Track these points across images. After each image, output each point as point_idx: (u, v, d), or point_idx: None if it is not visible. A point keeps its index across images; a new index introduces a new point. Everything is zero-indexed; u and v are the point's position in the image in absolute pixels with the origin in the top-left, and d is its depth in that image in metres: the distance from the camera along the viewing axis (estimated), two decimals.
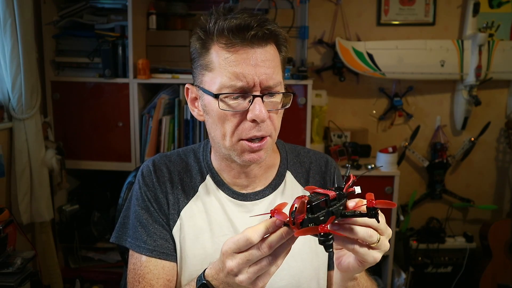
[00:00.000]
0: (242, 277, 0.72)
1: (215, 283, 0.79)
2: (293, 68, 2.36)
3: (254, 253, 0.70)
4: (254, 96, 0.87)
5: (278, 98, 0.92)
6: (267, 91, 0.89)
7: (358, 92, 2.84)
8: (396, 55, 2.64)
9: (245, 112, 0.88)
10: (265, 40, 0.88)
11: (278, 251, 0.70)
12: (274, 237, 0.69)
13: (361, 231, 0.69)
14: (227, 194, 1.02)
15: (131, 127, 2.34)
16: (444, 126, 2.87)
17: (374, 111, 2.87)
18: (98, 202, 2.44)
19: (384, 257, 2.47)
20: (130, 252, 1.01)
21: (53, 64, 2.38)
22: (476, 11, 2.64)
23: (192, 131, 2.33)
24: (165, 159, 1.06)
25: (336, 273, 0.88)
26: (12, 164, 2.11)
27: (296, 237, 0.70)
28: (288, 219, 0.67)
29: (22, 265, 1.73)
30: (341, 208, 0.69)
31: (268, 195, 1.03)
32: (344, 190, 0.70)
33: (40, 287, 1.86)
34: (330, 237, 0.64)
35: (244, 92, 0.88)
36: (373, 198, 0.67)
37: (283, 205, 0.72)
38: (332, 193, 0.67)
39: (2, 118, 2.08)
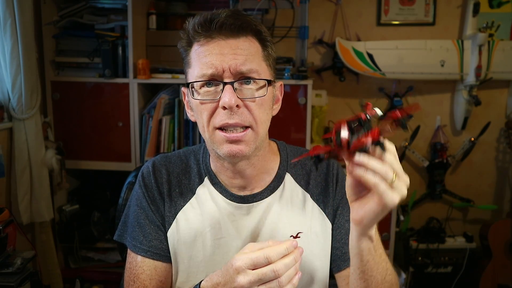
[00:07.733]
0: None
1: None
2: (293, 68, 2.35)
3: (268, 273, 0.73)
4: (225, 84, 0.88)
5: (255, 86, 0.90)
6: (241, 78, 0.89)
7: (358, 92, 2.84)
8: (396, 55, 2.63)
9: (219, 100, 0.89)
10: (238, 31, 0.89)
11: (289, 273, 0.73)
12: (288, 259, 0.73)
13: (376, 165, 0.69)
14: (224, 196, 1.01)
15: (131, 127, 2.34)
16: (444, 126, 2.87)
17: None
18: (98, 202, 2.44)
19: None
20: (128, 250, 1.02)
21: (53, 64, 2.37)
22: (476, 11, 2.63)
23: (192, 131, 2.33)
24: (165, 160, 1.06)
25: (352, 233, 0.81)
26: (12, 164, 2.10)
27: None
28: (329, 149, 0.72)
29: (22, 265, 1.73)
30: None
31: (266, 197, 1.01)
32: (366, 113, 0.75)
33: (40, 287, 1.85)
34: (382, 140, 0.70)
35: (215, 80, 0.88)
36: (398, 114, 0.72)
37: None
38: (362, 115, 0.73)
39: (2, 118, 2.08)
